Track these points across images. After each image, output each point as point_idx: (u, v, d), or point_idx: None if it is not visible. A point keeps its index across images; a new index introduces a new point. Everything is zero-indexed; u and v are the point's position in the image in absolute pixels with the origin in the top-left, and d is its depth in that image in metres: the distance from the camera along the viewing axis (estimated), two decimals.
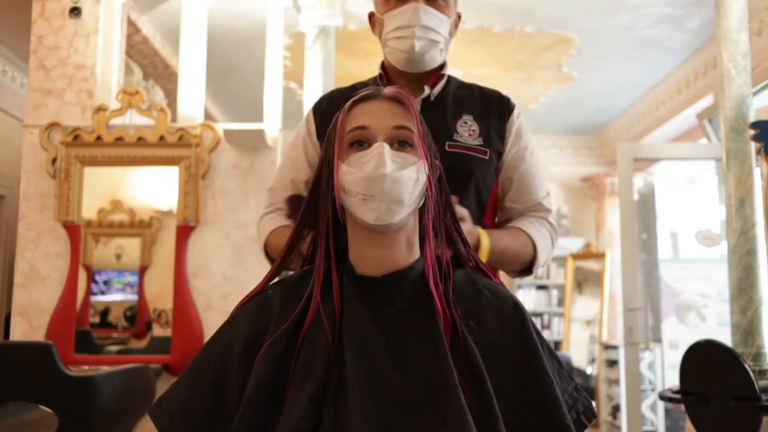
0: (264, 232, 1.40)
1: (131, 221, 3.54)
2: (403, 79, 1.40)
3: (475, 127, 1.36)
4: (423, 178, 0.97)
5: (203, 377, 0.96)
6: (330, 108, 1.41)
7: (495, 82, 5.52)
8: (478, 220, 1.35)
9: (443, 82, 1.41)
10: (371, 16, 1.45)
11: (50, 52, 3.48)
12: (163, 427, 0.94)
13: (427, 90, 1.38)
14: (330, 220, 1.00)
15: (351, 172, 0.96)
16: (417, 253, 1.01)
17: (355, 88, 1.45)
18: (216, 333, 1.01)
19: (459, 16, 1.43)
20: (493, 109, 1.40)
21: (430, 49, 1.34)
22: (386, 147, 0.96)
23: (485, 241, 1.27)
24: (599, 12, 4.29)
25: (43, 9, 3.50)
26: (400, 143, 0.98)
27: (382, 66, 1.45)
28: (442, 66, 1.42)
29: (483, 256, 1.25)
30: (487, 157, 1.35)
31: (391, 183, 0.93)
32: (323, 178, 1.01)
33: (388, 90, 1.03)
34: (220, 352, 0.97)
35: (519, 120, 1.42)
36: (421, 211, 1.01)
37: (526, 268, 1.39)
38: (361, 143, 0.98)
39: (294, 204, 1.17)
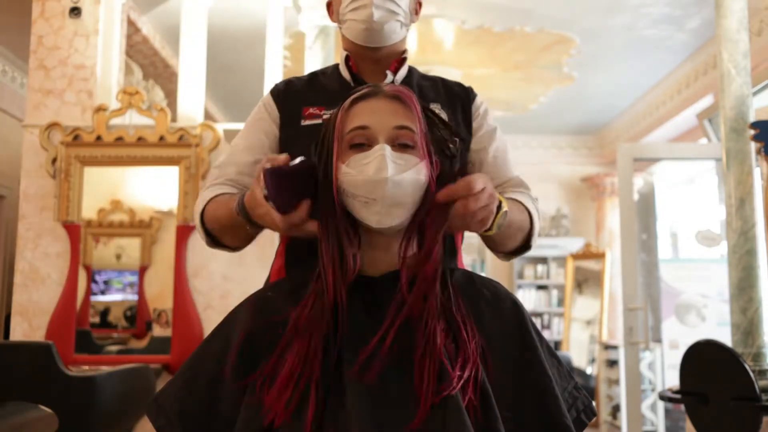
0: (204, 199, 1.26)
1: (131, 221, 3.54)
2: (365, 63, 1.35)
3: (443, 115, 1.32)
4: (425, 180, 0.96)
5: (198, 375, 0.95)
6: (289, 93, 1.35)
7: (495, 82, 5.52)
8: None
9: (405, 68, 1.37)
10: (329, 4, 1.40)
11: (50, 52, 3.48)
12: (159, 425, 0.93)
13: (390, 76, 1.33)
14: (329, 222, 0.99)
15: (352, 174, 0.94)
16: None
17: (315, 76, 1.40)
18: (212, 332, 1.00)
19: (420, 4, 1.39)
20: (458, 98, 1.37)
21: (389, 19, 1.29)
22: (387, 149, 0.94)
23: (504, 205, 1.09)
24: (599, 12, 4.29)
25: (43, 9, 3.50)
26: (402, 144, 0.97)
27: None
28: (404, 51, 1.38)
29: (499, 219, 1.06)
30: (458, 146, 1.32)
31: (392, 186, 0.92)
32: (325, 177, 0.99)
33: (388, 87, 1.02)
34: (217, 352, 0.96)
35: (483, 105, 1.39)
36: (418, 211, 0.99)
37: (525, 242, 1.25)
38: (362, 144, 0.97)
39: (274, 177, 0.93)
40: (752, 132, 2.02)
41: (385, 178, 0.92)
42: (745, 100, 2.06)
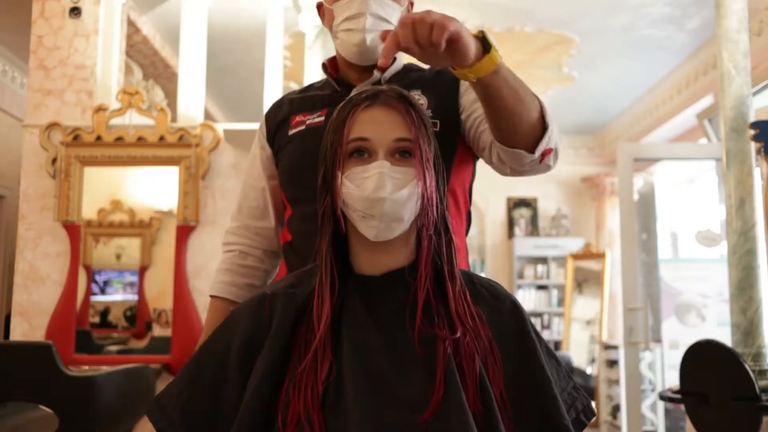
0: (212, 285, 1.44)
1: (131, 221, 3.54)
2: (352, 68, 1.35)
3: (423, 100, 1.30)
4: (424, 191, 0.97)
5: (201, 376, 0.96)
6: (280, 109, 1.40)
7: None
8: (443, 190, 1.25)
9: (397, 65, 1.36)
10: (320, 6, 1.38)
11: (50, 52, 3.48)
12: (161, 426, 0.94)
13: (376, 75, 1.32)
14: (331, 224, 0.99)
15: (351, 188, 0.96)
16: (415, 252, 1.01)
17: (309, 89, 1.42)
18: (214, 332, 1.01)
19: (411, 4, 1.37)
20: (443, 75, 1.33)
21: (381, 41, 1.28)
22: (386, 166, 0.95)
23: (492, 41, 1.04)
24: (599, 12, 4.29)
25: (43, 9, 3.50)
26: (402, 153, 0.98)
27: (332, 58, 1.41)
28: None
29: (494, 58, 1.03)
30: (437, 129, 1.24)
31: (390, 204, 0.94)
32: (325, 184, 1.00)
33: (388, 96, 1.01)
34: (219, 351, 0.97)
35: None
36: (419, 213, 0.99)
37: (541, 118, 1.12)
38: (362, 152, 0.98)
39: None
40: (752, 132, 2.02)
41: (383, 198, 0.93)
42: (745, 100, 2.06)
